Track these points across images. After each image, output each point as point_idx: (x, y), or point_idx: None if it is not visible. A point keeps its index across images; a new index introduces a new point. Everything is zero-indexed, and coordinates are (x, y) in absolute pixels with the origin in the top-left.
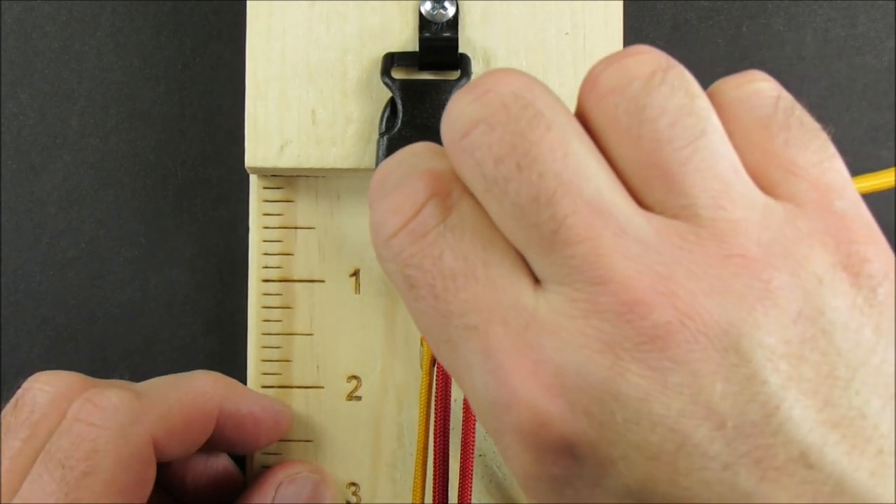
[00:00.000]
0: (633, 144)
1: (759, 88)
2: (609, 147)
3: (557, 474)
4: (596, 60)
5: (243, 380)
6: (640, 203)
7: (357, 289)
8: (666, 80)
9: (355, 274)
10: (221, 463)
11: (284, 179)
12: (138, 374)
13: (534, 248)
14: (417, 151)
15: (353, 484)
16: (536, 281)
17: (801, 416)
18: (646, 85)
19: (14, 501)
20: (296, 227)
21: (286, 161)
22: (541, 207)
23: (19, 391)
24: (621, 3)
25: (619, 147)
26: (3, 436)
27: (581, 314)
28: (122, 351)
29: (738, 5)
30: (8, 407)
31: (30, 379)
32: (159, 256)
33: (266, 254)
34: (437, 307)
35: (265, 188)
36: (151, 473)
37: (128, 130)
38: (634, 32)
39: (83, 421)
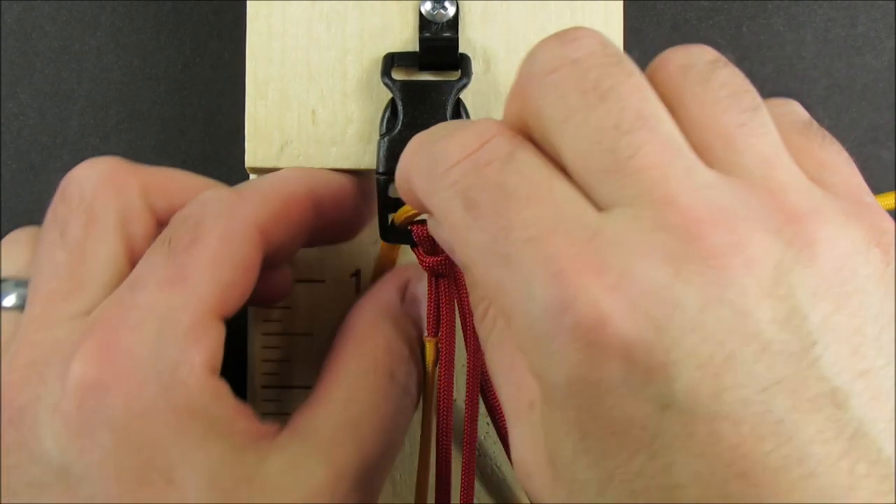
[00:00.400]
0: (697, 107)
1: (797, 108)
2: (674, 113)
3: (603, 378)
4: None
5: (243, 380)
6: None
7: (357, 289)
8: (728, 65)
9: (356, 274)
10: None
11: None
12: None
13: (604, 173)
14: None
15: None
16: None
17: (834, 357)
18: (712, 64)
19: (122, 285)
20: None
21: (286, 161)
22: (620, 135)
23: (61, 185)
24: (621, 2)
25: (684, 110)
26: (62, 227)
27: (648, 229)
28: None
29: (738, 5)
30: (55, 200)
31: (68, 174)
32: None
33: None
34: (497, 223)
35: None
36: (257, 260)
37: (128, 130)
38: (634, 32)
39: (186, 211)
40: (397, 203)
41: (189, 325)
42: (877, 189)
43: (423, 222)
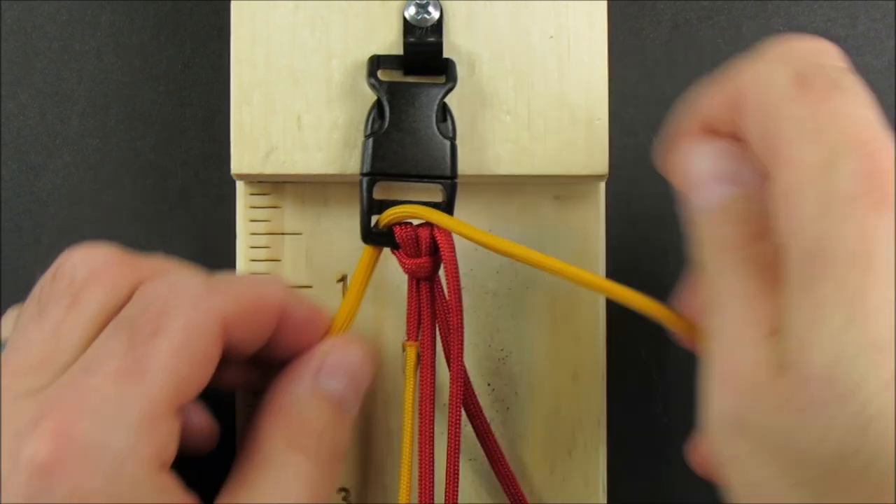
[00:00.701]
0: None
1: None
2: None
3: None
4: (581, 63)
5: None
6: None
7: (344, 294)
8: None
9: (342, 279)
10: (200, 416)
11: (271, 185)
12: None
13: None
14: None
15: (344, 489)
16: None
17: None
18: None
19: (77, 364)
20: (283, 234)
21: (272, 167)
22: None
23: (55, 264)
24: (605, 4)
25: None
26: (43, 305)
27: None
28: None
29: (738, 5)
30: (45, 278)
31: (65, 253)
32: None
33: (253, 260)
34: (825, 103)
35: (252, 194)
36: (217, 352)
37: (128, 130)
38: (634, 33)
39: (153, 292)
40: (382, 205)
41: (142, 418)
42: None
43: (408, 224)
